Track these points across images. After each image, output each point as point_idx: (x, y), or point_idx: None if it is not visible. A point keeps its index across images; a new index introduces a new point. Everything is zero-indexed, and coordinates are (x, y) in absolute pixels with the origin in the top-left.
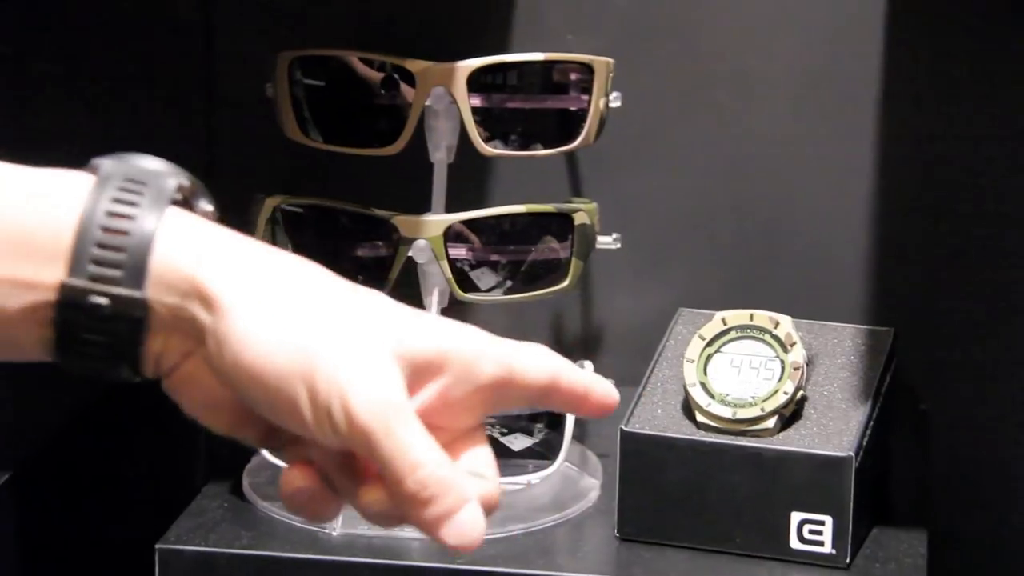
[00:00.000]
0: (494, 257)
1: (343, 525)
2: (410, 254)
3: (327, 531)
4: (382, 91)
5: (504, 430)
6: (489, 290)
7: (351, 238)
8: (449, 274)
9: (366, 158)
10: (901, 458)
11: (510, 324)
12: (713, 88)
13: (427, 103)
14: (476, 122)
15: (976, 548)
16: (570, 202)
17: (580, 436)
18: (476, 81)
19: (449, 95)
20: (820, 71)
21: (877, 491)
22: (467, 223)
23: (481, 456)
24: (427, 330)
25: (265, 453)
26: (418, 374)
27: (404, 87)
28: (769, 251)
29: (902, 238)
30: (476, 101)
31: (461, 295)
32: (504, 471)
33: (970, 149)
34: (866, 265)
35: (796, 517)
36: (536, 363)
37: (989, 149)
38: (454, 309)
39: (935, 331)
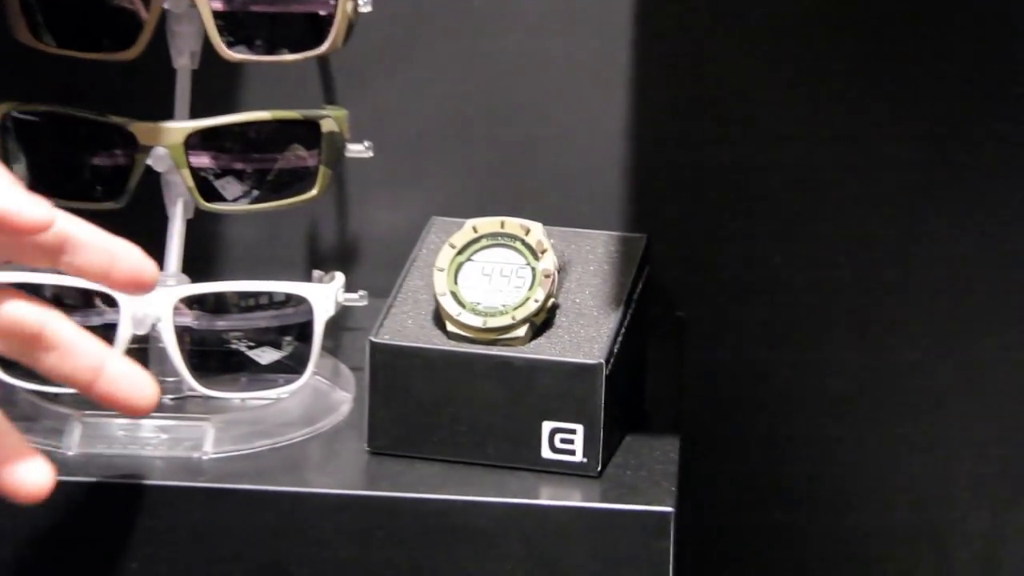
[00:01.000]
0: (239, 166)
1: (79, 445)
2: (149, 163)
3: (62, 451)
4: None
5: (251, 343)
6: (235, 200)
7: (88, 147)
8: (191, 183)
9: (110, 64)
10: (655, 366)
11: (262, 235)
12: None
13: (165, 6)
14: (218, 26)
15: (727, 453)
16: (320, 109)
17: (332, 349)
18: None
19: None
20: None
21: (630, 399)
22: (210, 131)
23: None
24: None
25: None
26: None
27: None
28: (525, 160)
29: (657, 147)
30: (217, 4)
31: (205, 205)
32: (252, 386)
33: (724, 57)
34: (621, 173)
35: (547, 426)
36: None
37: (743, 56)
38: (201, 220)
39: (692, 239)
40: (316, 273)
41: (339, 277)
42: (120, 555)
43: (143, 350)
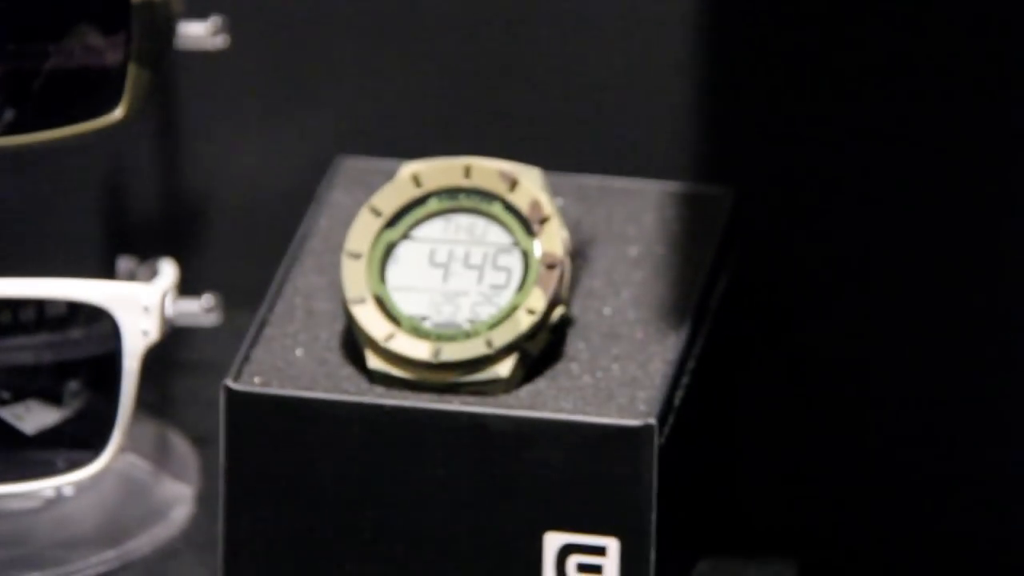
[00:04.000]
0: None
1: None
2: None
3: None
4: None
5: (4, 397)
6: None
7: None
8: None
9: None
10: (754, 428)
11: (25, 196)
12: None
13: None
14: None
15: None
16: None
17: (157, 404)
18: None
19: None
20: None
21: (704, 491)
22: None
23: None
24: None
25: None
26: None
27: None
28: (509, 51)
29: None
30: None
31: None
32: (7, 474)
33: None
34: (689, 75)
35: (554, 541)
36: None
37: None
38: None
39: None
40: (125, 263)
41: (167, 269)
42: None
43: None
